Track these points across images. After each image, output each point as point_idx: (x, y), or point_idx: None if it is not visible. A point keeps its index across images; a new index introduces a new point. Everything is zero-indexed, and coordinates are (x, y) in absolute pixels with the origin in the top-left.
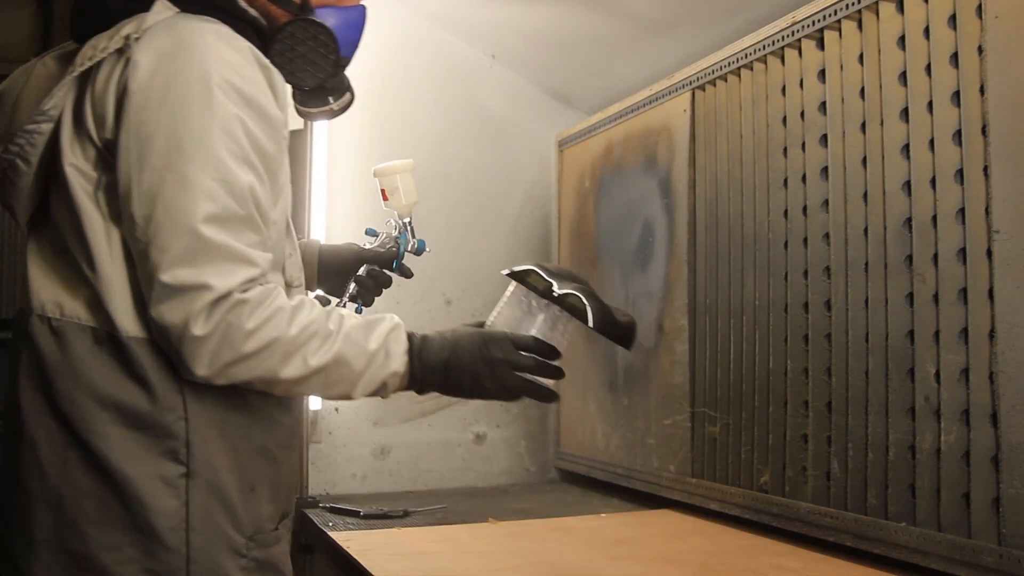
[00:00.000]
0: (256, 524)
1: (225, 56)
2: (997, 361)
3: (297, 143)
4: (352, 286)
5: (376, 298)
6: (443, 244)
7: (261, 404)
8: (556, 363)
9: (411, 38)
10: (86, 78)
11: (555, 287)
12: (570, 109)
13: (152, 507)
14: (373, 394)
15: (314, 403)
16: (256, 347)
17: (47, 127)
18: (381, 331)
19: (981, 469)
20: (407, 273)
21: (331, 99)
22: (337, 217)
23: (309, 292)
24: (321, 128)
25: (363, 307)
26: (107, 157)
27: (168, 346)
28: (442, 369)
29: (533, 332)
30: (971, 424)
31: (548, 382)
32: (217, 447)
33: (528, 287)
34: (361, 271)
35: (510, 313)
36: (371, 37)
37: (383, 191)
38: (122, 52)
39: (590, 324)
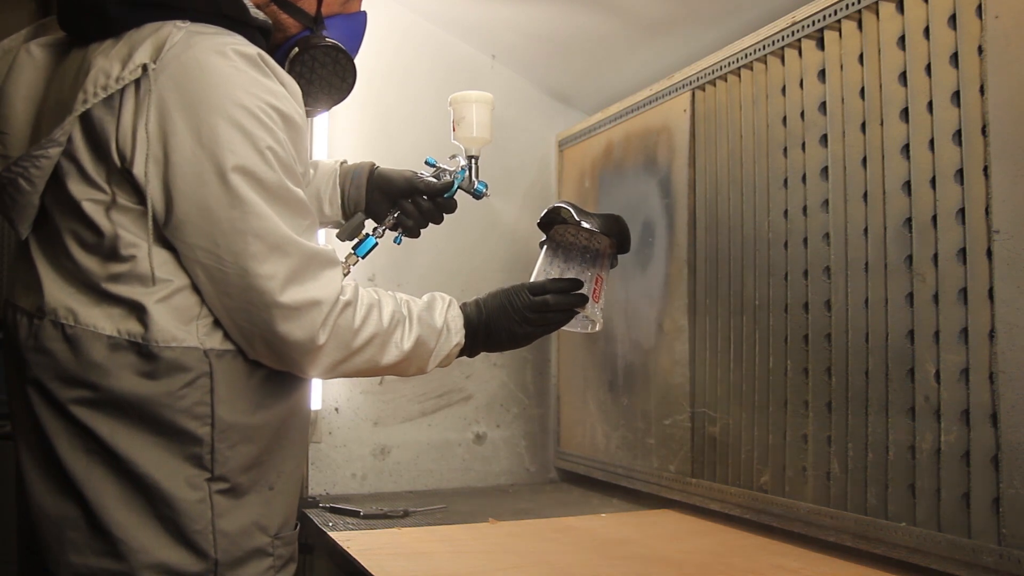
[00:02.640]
0: (281, 522)
1: (257, 77)
2: (997, 361)
3: None
4: (395, 214)
5: (422, 230)
6: (442, 244)
7: (285, 407)
8: (587, 284)
9: (411, 38)
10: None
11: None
12: (570, 109)
13: (179, 510)
14: (439, 365)
15: (314, 403)
16: (362, 342)
17: (55, 151)
18: (441, 309)
19: (981, 469)
20: (451, 207)
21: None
22: None
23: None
24: (321, 128)
25: (403, 237)
26: (128, 180)
27: (285, 358)
28: (484, 332)
29: (556, 271)
30: (971, 424)
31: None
32: (242, 451)
33: (550, 237)
34: (408, 200)
35: (541, 265)
36: (371, 37)
37: (454, 121)
38: (139, 80)
39: (575, 219)
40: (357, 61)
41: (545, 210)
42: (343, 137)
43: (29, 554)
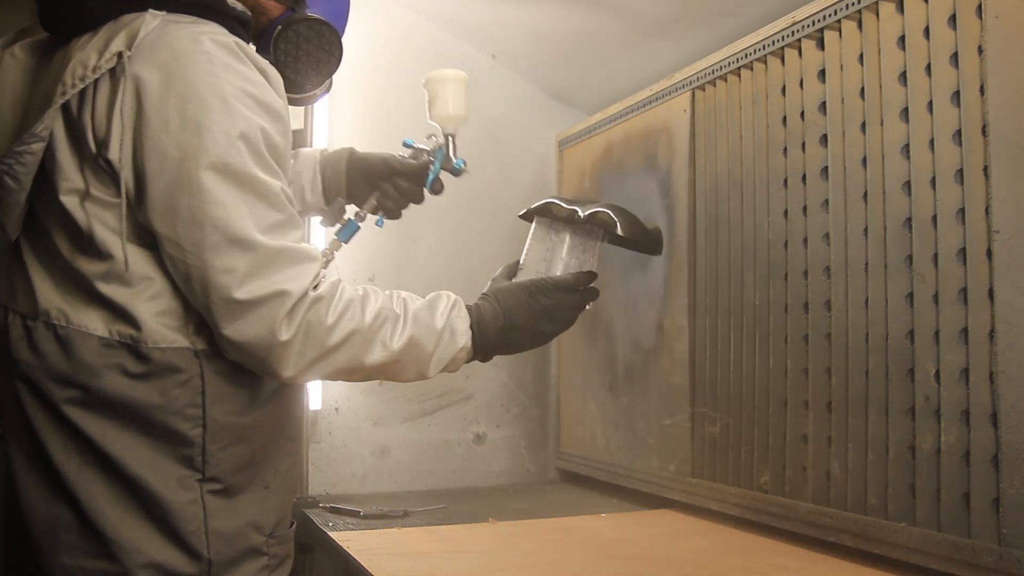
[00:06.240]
0: (276, 520)
1: (231, 64)
2: (997, 361)
3: (297, 143)
4: (375, 196)
5: (403, 211)
6: (443, 244)
7: (279, 405)
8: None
9: (411, 38)
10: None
11: (579, 211)
12: (570, 109)
13: (171, 511)
14: (444, 370)
15: (314, 403)
16: (339, 340)
17: (38, 147)
18: (443, 309)
19: (981, 469)
20: (437, 189)
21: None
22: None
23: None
24: (321, 128)
25: (385, 219)
26: (104, 169)
27: (251, 358)
28: (502, 335)
29: (564, 258)
30: (971, 424)
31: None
32: (234, 451)
33: (552, 218)
34: (387, 182)
35: (539, 249)
36: (372, 37)
37: (428, 100)
38: (115, 69)
39: (620, 232)
40: (358, 60)
41: (592, 203)
42: (344, 138)
43: (19, 555)
